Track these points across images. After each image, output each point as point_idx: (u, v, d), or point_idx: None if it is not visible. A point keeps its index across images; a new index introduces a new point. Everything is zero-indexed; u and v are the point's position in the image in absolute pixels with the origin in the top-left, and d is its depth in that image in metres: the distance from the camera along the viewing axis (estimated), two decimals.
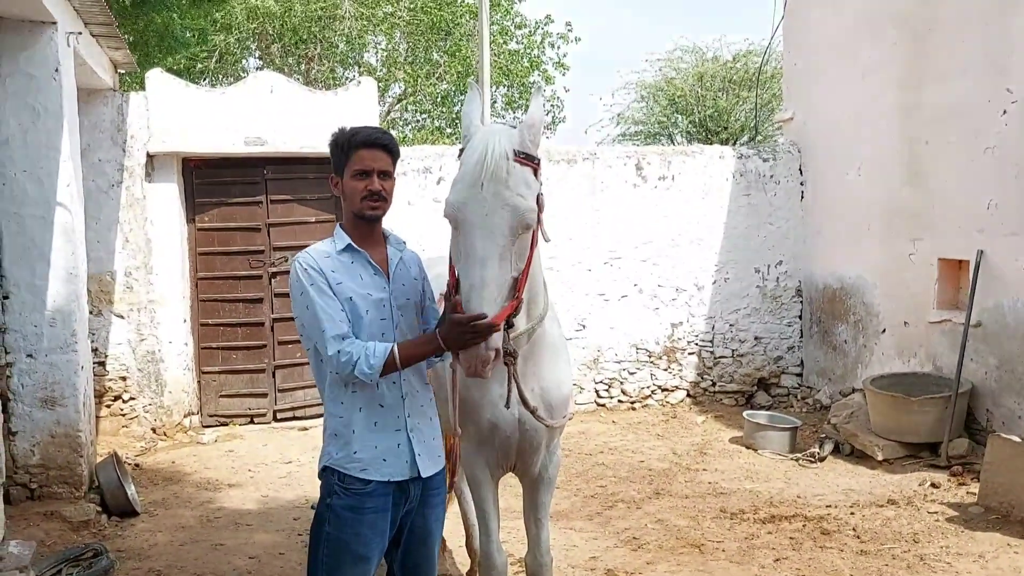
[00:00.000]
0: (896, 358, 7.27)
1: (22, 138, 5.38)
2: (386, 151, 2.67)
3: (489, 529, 3.22)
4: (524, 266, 2.63)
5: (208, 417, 7.83)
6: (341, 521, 2.62)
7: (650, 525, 5.32)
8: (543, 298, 3.01)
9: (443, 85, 18.68)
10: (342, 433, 2.65)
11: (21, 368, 5.46)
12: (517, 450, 3.14)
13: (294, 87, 7.74)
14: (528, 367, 2.99)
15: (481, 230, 2.52)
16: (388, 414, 2.65)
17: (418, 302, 2.80)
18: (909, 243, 7.09)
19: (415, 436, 2.69)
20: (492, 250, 2.50)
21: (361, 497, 2.62)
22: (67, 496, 5.55)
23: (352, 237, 2.69)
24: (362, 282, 2.65)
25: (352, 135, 2.66)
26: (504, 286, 2.53)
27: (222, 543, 5.16)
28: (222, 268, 7.79)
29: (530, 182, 2.61)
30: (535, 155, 2.66)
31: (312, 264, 2.62)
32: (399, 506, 2.69)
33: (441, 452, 2.81)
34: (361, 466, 2.62)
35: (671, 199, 8.42)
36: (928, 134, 6.86)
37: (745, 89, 17.35)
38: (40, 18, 5.25)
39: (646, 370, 8.48)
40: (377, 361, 2.50)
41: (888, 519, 5.29)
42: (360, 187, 2.63)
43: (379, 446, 2.63)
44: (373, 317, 2.63)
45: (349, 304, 2.61)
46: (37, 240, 5.44)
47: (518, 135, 2.62)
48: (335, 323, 2.55)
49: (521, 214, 2.54)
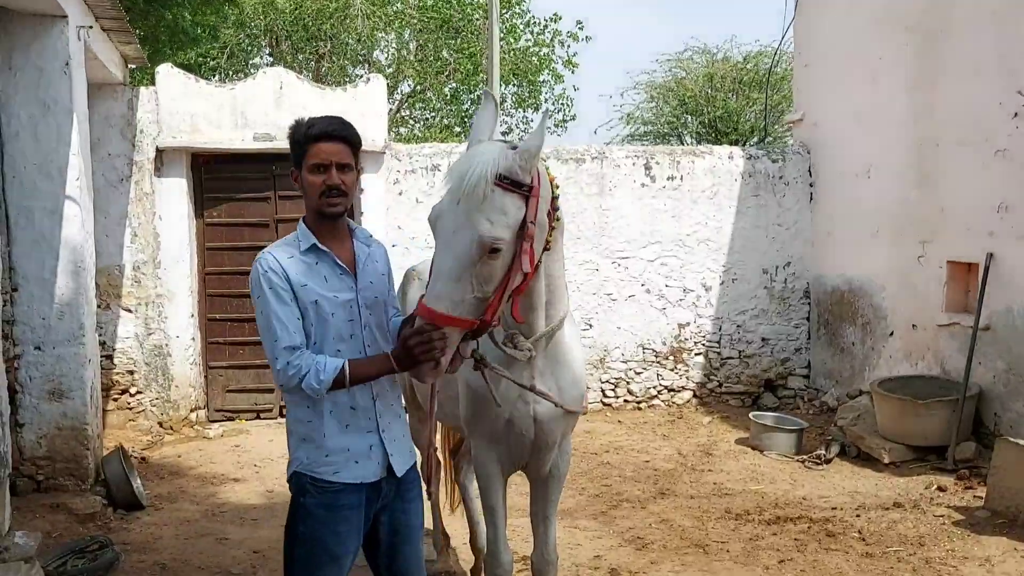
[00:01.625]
0: (904, 361, 7.24)
1: (32, 131, 5.40)
2: (344, 142, 2.54)
3: (497, 527, 3.20)
4: (493, 290, 2.52)
5: (214, 412, 7.85)
6: (315, 519, 2.56)
7: (655, 525, 5.31)
8: (564, 303, 2.99)
9: (452, 83, 18.68)
10: (311, 437, 2.57)
11: (29, 360, 5.48)
12: (531, 448, 3.12)
13: (304, 84, 7.75)
14: (547, 367, 3.01)
15: (445, 245, 2.49)
16: (359, 416, 2.59)
17: (387, 299, 2.73)
18: (918, 245, 7.06)
19: (387, 436, 2.63)
20: (451, 266, 2.45)
21: (334, 495, 2.56)
22: (73, 488, 5.57)
23: (316, 234, 2.58)
24: (327, 284, 2.55)
25: (308, 127, 2.53)
26: (460, 303, 2.45)
27: (227, 537, 5.17)
28: (230, 263, 7.81)
29: (508, 210, 2.49)
30: (524, 182, 2.52)
31: (273, 266, 2.51)
32: (372, 503, 2.63)
33: (412, 447, 2.77)
34: (333, 469, 2.56)
35: (680, 199, 8.41)
36: (938, 136, 6.83)
37: (755, 90, 17.31)
38: (51, 11, 5.27)
39: (652, 370, 8.46)
40: (327, 377, 2.43)
41: (894, 522, 5.26)
42: (318, 182, 2.51)
43: (351, 448, 2.57)
44: (340, 319, 2.56)
45: (314, 307, 2.52)
46: (46, 233, 5.46)
47: (509, 160, 2.51)
48: (288, 333, 2.46)
49: (483, 240, 2.44)
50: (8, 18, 5.29)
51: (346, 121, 2.59)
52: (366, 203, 7.83)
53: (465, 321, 2.48)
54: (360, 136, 2.62)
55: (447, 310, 2.43)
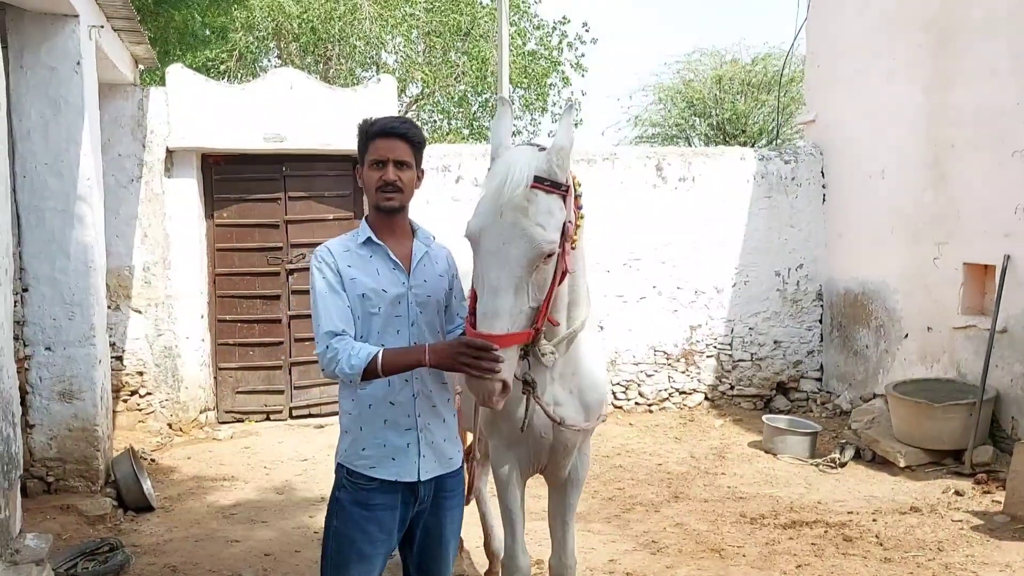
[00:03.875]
0: (919, 363, 7.17)
1: (43, 131, 5.38)
2: (404, 140, 2.58)
3: (515, 531, 3.15)
4: (544, 296, 2.53)
5: (224, 413, 7.82)
6: (347, 516, 2.58)
7: (669, 529, 5.25)
8: (585, 306, 2.94)
9: (461, 86, 18.66)
10: (351, 429, 2.61)
11: (39, 361, 5.45)
12: (550, 451, 3.08)
13: (314, 84, 7.72)
14: (567, 370, 2.96)
15: (497, 259, 2.43)
16: (399, 413, 2.58)
17: (441, 300, 2.70)
18: (934, 247, 6.99)
19: (424, 437, 2.61)
20: (507, 281, 2.41)
21: (368, 493, 2.56)
22: (83, 490, 5.54)
23: (375, 230, 2.63)
24: (378, 276, 2.58)
25: (371, 125, 2.60)
26: (519, 316, 2.45)
27: (237, 540, 5.13)
28: (240, 264, 7.78)
29: (553, 211, 2.50)
30: (562, 181, 2.54)
31: (326, 257, 2.58)
32: (408, 506, 2.61)
33: (455, 455, 2.72)
34: (369, 463, 2.57)
35: (691, 201, 8.35)
36: (954, 137, 6.76)
37: (764, 92, 17.26)
38: (62, 11, 5.25)
39: (664, 372, 8.41)
40: (358, 362, 2.42)
41: (911, 527, 5.20)
42: (375, 177, 2.57)
43: (387, 444, 2.57)
44: (388, 313, 2.56)
45: (361, 300, 2.55)
46: (57, 233, 5.43)
47: (544, 160, 2.51)
48: (332, 320, 2.49)
49: (538, 245, 2.43)
50: (19, 17, 5.27)
51: (409, 120, 2.64)
52: None
53: (524, 334, 2.47)
54: (423, 136, 2.64)
55: (508, 328, 2.40)
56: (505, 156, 2.54)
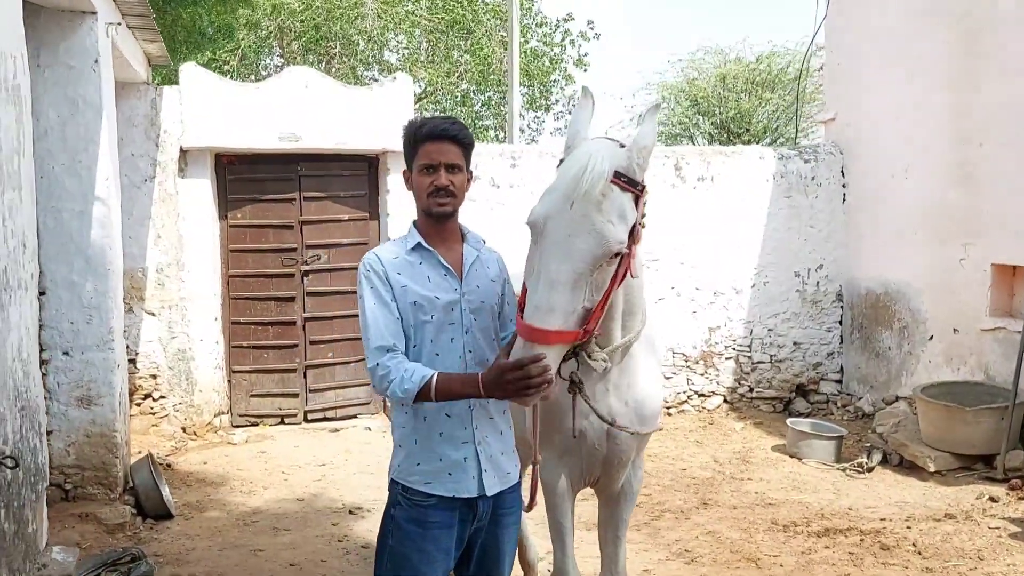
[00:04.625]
0: (944, 366, 7.07)
1: (60, 131, 5.25)
2: (455, 142, 2.48)
3: (565, 544, 3.04)
4: (600, 298, 2.42)
5: (238, 417, 7.69)
6: (403, 534, 2.47)
7: (701, 537, 5.15)
8: (641, 315, 2.84)
9: (464, 84, 18.54)
10: (405, 444, 2.50)
11: (57, 366, 5.33)
12: (603, 462, 2.99)
13: (329, 83, 7.60)
14: (622, 381, 2.87)
15: (559, 251, 2.33)
16: (455, 425, 2.48)
17: (495, 305, 2.60)
18: (960, 248, 6.89)
19: (483, 450, 2.51)
20: (566, 274, 2.31)
21: (425, 510, 2.46)
22: (102, 497, 5.42)
23: (424, 235, 2.54)
24: (429, 284, 2.48)
25: (419, 127, 2.49)
26: (572, 315, 2.34)
27: (261, 548, 5.02)
28: (254, 265, 7.66)
29: (626, 210, 2.40)
30: (639, 180, 2.44)
31: (375, 265, 2.48)
32: (466, 523, 2.51)
33: (512, 469, 2.61)
34: (425, 479, 2.46)
35: (710, 200, 8.24)
36: (982, 135, 6.66)
37: (768, 90, 17.17)
38: (80, 8, 5.12)
39: (682, 375, 8.30)
40: (412, 387, 2.33)
41: (948, 534, 5.10)
42: (426, 183, 2.47)
43: (444, 459, 2.47)
44: (441, 321, 2.47)
45: (413, 308, 2.45)
46: (74, 235, 5.31)
47: (625, 156, 2.41)
48: (382, 334, 2.41)
49: (607, 243, 2.33)
50: (36, 14, 5.13)
51: (459, 121, 2.52)
52: (392, 204, 7.69)
53: (573, 334, 2.35)
54: (473, 137, 2.54)
55: (559, 325, 2.29)
56: (584, 146, 2.44)
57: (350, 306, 7.81)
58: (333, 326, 7.78)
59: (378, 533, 2.58)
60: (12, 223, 3.35)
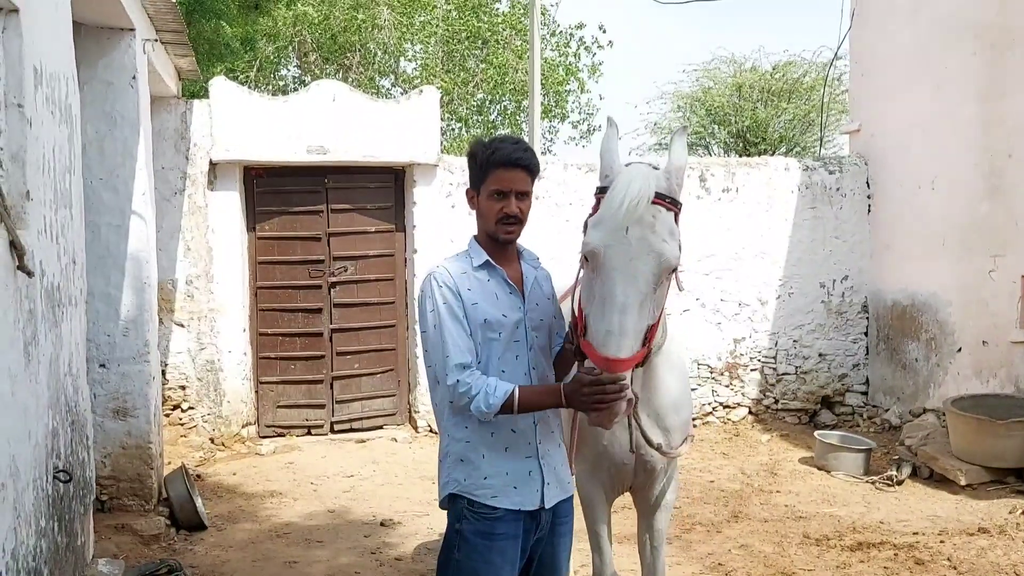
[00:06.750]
0: (973, 378, 7.04)
1: (99, 146, 5.32)
2: (526, 170, 2.55)
3: (603, 552, 3.19)
4: (659, 313, 2.54)
5: (265, 428, 7.74)
6: (471, 547, 2.50)
7: (734, 551, 5.14)
8: (662, 327, 2.89)
9: (479, 94, 18.62)
10: (469, 458, 2.53)
11: (94, 378, 5.37)
12: (633, 474, 3.11)
13: (356, 96, 7.66)
14: (644, 394, 2.93)
15: (624, 276, 2.40)
16: (519, 439, 2.54)
17: (552, 323, 2.69)
18: (989, 260, 6.87)
19: (546, 463, 2.58)
20: (634, 296, 2.38)
21: (492, 522, 2.50)
22: (137, 509, 5.46)
23: (488, 252, 2.59)
24: (497, 302, 2.54)
25: (492, 152, 2.52)
26: (640, 334, 2.41)
27: (295, 561, 5.05)
28: (282, 277, 7.71)
29: (673, 228, 2.50)
30: (679, 200, 2.54)
31: (448, 282, 2.51)
32: (529, 534, 2.57)
33: (570, 479, 2.70)
34: (491, 492, 2.51)
35: (735, 211, 8.25)
36: (1011, 147, 6.65)
37: (784, 100, 17.16)
38: (120, 25, 5.20)
39: (707, 386, 8.30)
40: (496, 401, 2.38)
41: (983, 549, 5.07)
42: (496, 208, 2.53)
43: (510, 472, 2.52)
44: (507, 339, 2.53)
45: (483, 326, 2.50)
46: (112, 249, 5.38)
47: (664, 178, 2.50)
48: (460, 351, 2.45)
49: (667, 260, 2.42)
50: (77, 32, 5.17)
51: (529, 147, 2.58)
52: (419, 216, 7.73)
53: (641, 353, 2.43)
54: (538, 162, 2.59)
55: (634, 348, 2.36)
56: (626, 174, 2.50)
57: (376, 318, 7.86)
58: (359, 337, 7.82)
59: (441, 547, 2.62)
60: (64, 240, 3.41)
